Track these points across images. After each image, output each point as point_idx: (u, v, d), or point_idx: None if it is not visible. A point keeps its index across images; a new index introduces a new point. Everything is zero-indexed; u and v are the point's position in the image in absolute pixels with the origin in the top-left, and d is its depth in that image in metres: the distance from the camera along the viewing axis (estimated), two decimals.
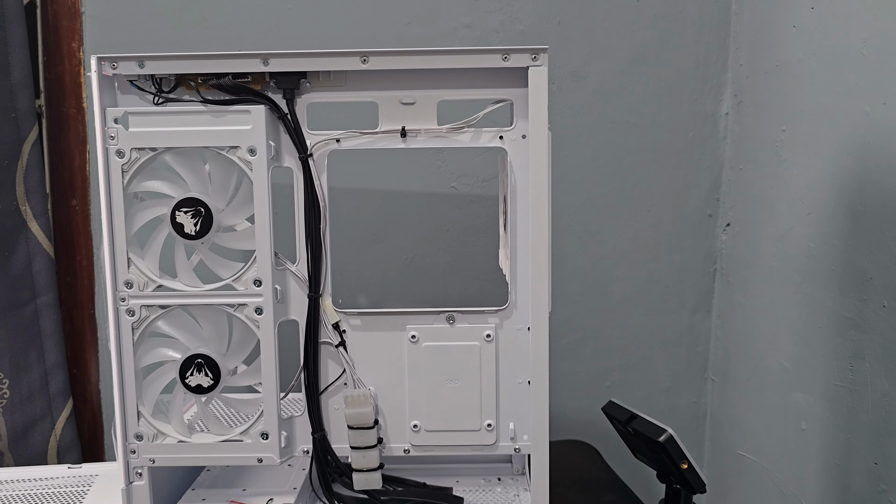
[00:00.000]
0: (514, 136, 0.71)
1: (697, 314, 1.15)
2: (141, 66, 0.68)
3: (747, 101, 1.05)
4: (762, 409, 1.00)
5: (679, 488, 0.80)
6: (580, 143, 1.11)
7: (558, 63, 1.09)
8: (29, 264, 1.08)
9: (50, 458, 1.11)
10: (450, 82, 0.70)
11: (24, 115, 1.06)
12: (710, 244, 1.13)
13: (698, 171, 1.12)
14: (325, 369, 0.74)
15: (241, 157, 0.69)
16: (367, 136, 0.70)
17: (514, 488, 0.86)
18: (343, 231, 1.10)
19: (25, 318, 1.08)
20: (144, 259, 0.71)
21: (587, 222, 1.13)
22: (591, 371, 1.17)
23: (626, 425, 0.82)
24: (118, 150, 0.69)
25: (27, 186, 1.07)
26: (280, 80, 0.69)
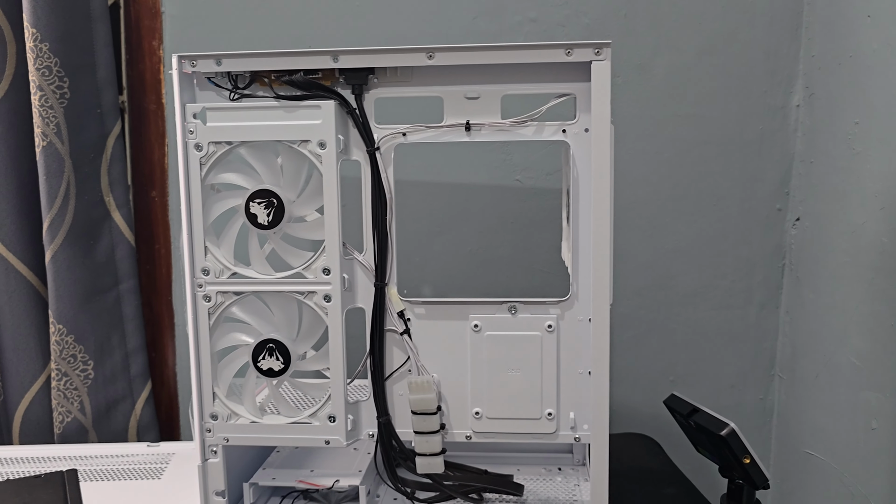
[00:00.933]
0: (577, 129, 0.71)
1: (765, 310, 1.13)
2: (218, 64, 0.71)
3: (819, 93, 1.02)
4: (831, 408, 0.98)
5: (741, 483, 0.79)
6: (645, 137, 1.10)
7: (624, 56, 1.08)
8: (112, 252, 1.14)
9: (130, 436, 1.17)
10: (514, 77, 0.71)
11: (108, 111, 1.11)
12: (779, 239, 1.11)
13: (767, 164, 1.10)
14: (390, 356, 0.76)
15: (312, 150, 0.71)
16: (432, 130, 0.72)
17: (575, 478, 0.87)
18: (408, 223, 1.12)
19: (109, 304, 1.14)
20: (220, 247, 0.75)
21: (652, 216, 1.12)
22: (655, 365, 1.16)
23: (687, 419, 0.82)
24: (196, 143, 0.72)
25: (111, 178, 1.12)
26: (349, 75, 0.72)
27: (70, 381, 1.11)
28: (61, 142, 1.06)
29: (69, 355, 1.10)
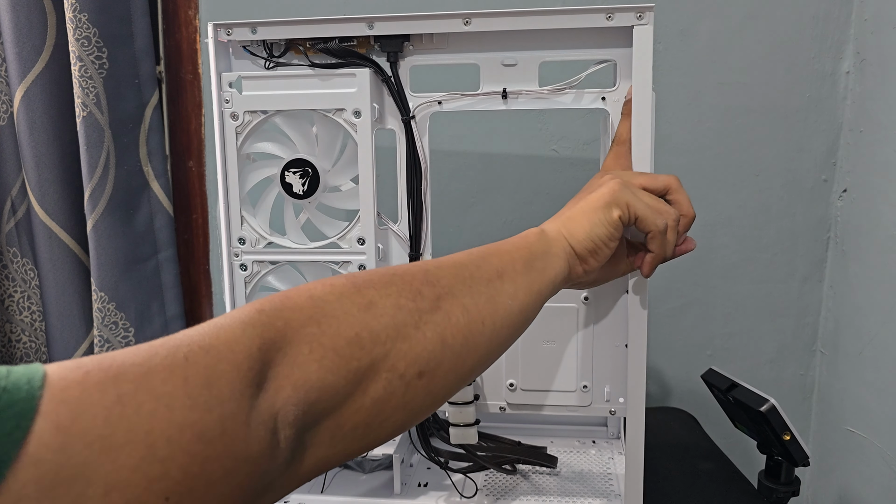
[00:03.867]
0: (617, 97, 0.69)
1: (807, 284, 1.11)
2: (254, 32, 0.71)
3: (871, 59, 0.98)
4: (875, 384, 0.95)
5: (780, 460, 0.78)
6: (686, 105, 1.07)
7: (666, 22, 1.05)
8: (151, 221, 1.16)
9: None
10: (552, 43, 0.70)
11: (146, 81, 1.12)
12: (824, 211, 1.08)
13: (814, 133, 1.06)
14: None
15: (347, 119, 0.71)
16: (468, 98, 0.71)
17: (609, 451, 0.86)
18: (443, 192, 1.11)
19: (148, 272, 1.16)
20: (256, 217, 0.75)
21: (691, 186, 1.10)
22: (693, 339, 1.14)
23: (726, 394, 0.81)
24: (232, 112, 0.72)
25: (149, 148, 1.14)
26: (384, 43, 0.71)
27: (112, 348, 1.14)
28: (101, 112, 1.07)
29: (111, 322, 1.13)
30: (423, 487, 0.79)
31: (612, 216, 0.59)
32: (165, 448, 0.33)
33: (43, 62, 1.07)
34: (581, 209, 0.60)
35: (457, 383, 0.48)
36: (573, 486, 0.78)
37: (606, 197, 0.59)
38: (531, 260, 0.54)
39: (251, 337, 0.39)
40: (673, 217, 0.61)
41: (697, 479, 0.85)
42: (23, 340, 1.19)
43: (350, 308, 0.43)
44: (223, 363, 0.37)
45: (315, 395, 0.41)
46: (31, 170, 1.09)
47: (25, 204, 1.15)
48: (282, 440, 0.39)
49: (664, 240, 0.61)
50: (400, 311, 0.45)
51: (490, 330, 0.50)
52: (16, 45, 1.06)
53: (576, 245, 0.58)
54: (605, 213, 0.59)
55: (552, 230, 0.58)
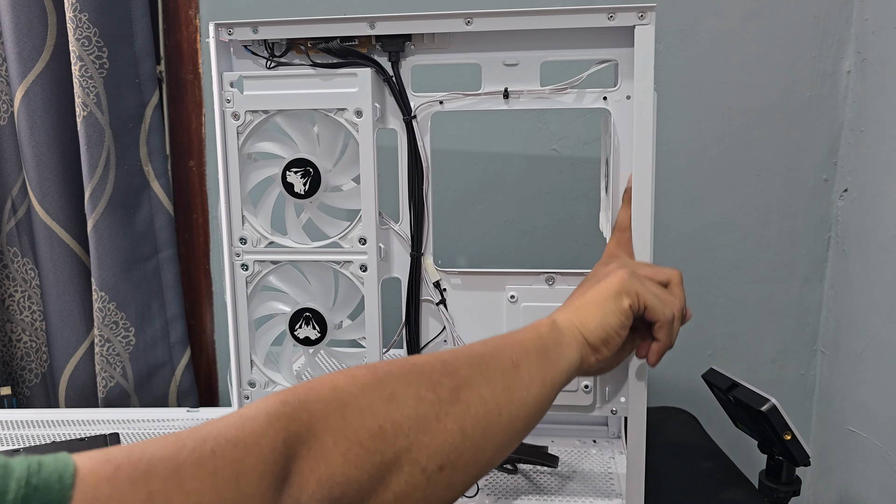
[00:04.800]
0: (619, 96, 0.69)
1: (808, 284, 1.11)
2: (255, 32, 0.71)
3: (872, 59, 0.98)
4: (876, 384, 0.95)
5: (781, 460, 0.78)
6: (687, 105, 1.07)
7: (666, 21, 1.05)
8: (151, 221, 1.16)
9: (171, 401, 1.19)
10: (554, 42, 0.70)
11: (146, 81, 1.12)
12: (825, 210, 1.08)
13: (814, 133, 1.06)
14: (426, 326, 0.76)
15: (348, 118, 0.71)
16: (469, 98, 0.71)
17: (610, 451, 0.86)
18: (444, 192, 1.11)
19: (148, 272, 1.16)
20: (257, 217, 0.75)
21: (692, 186, 1.10)
22: (693, 338, 1.14)
23: (726, 393, 0.81)
24: (234, 112, 0.72)
25: (149, 148, 1.13)
26: (386, 42, 0.71)
27: (112, 347, 1.14)
28: (101, 112, 1.07)
29: (111, 322, 1.13)
30: None
31: (623, 305, 0.59)
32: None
33: (43, 62, 1.07)
34: (591, 299, 0.60)
35: (475, 476, 0.49)
36: (574, 485, 0.78)
37: (616, 286, 0.60)
38: (544, 351, 0.55)
39: (276, 430, 0.40)
40: (678, 307, 0.63)
41: (698, 479, 0.85)
42: (23, 340, 1.19)
43: (373, 400, 0.44)
44: (250, 458, 0.38)
45: (339, 490, 0.41)
46: (32, 169, 1.09)
47: (26, 203, 1.15)
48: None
49: (671, 329, 0.62)
50: (421, 402, 0.45)
51: (507, 420, 0.50)
52: (16, 45, 1.05)
53: (588, 335, 0.58)
54: (616, 302, 0.59)
55: (563, 320, 0.59)
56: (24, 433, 0.99)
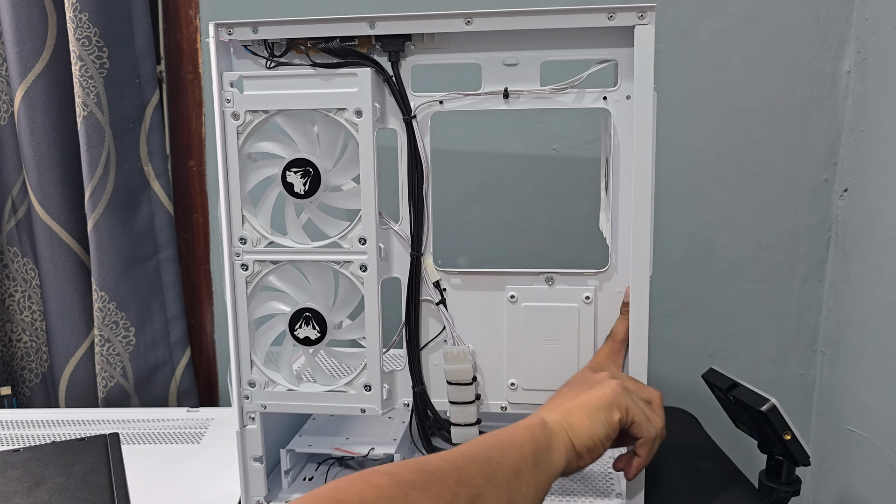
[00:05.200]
0: (619, 96, 0.69)
1: (808, 283, 1.11)
2: (255, 32, 0.71)
3: (872, 59, 0.98)
4: (876, 384, 0.95)
5: (781, 459, 0.78)
6: (687, 104, 1.07)
7: (666, 21, 1.05)
8: (152, 221, 1.16)
9: (171, 401, 1.19)
10: (554, 42, 0.70)
11: (146, 81, 1.12)
12: (825, 210, 1.08)
13: (814, 133, 1.06)
14: (426, 326, 0.76)
15: (348, 118, 0.71)
16: (469, 98, 0.71)
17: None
18: (444, 192, 1.11)
19: (149, 272, 1.16)
20: (257, 217, 0.75)
21: (692, 186, 1.10)
22: (693, 339, 1.14)
23: (726, 393, 0.80)
24: (234, 112, 0.72)
25: (150, 148, 1.14)
26: (385, 42, 0.71)
27: (112, 347, 1.14)
28: (101, 112, 1.07)
29: (111, 322, 1.13)
30: None
31: (613, 418, 0.61)
32: None
33: (43, 62, 1.07)
34: (582, 405, 0.61)
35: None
36: (574, 485, 0.78)
37: (608, 398, 0.61)
38: (538, 456, 0.56)
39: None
40: (661, 426, 0.65)
41: (698, 479, 0.85)
42: (23, 340, 1.19)
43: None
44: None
45: None
46: (32, 169, 1.09)
47: (26, 203, 1.15)
48: None
49: (652, 446, 0.64)
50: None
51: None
52: (16, 45, 1.06)
53: (576, 441, 0.59)
54: (607, 413, 0.60)
55: (554, 423, 0.60)
56: (24, 433, 0.99)
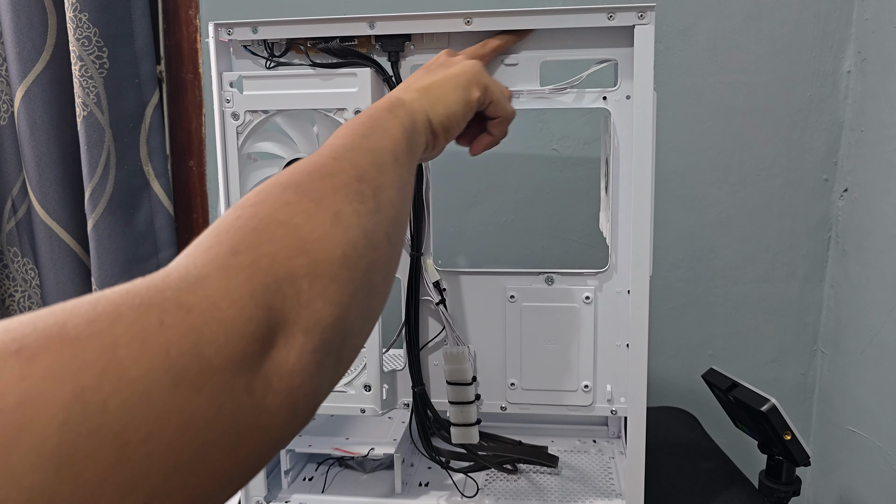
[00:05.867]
0: (618, 96, 0.69)
1: (808, 283, 1.11)
2: (254, 32, 0.71)
3: (872, 59, 0.98)
4: (876, 384, 0.95)
5: (781, 460, 0.78)
6: (687, 104, 1.07)
7: (666, 21, 1.05)
8: (151, 221, 1.16)
9: None
10: (553, 42, 0.70)
11: (146, 81, 1.12)
12: (825, 210, 1.08)
13: (815, 133, 1.06)
14: (426, 326, 0.76)
15: (348, 118, 0.71)
16: None
17: (610, 451, 0.86)
18: (444, 192, 1.11)
19: (149, 272, 1.15)
20: None
21: (693, 186, 1.10)
22: (693, 338, 1.14)
23: (727, 393, 0.81)
24: (233, 112, 0.72)
25: (150, 148, 1.14)
26: (385, 42, 0.71)
27: None
28: (101, 112, 1.07)
29: None
30: (424, 487, 0.79)
31: (472, 96, 0.59)
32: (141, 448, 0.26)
33: (43, 62, 1.07)
34: (440, 84, 0.58)
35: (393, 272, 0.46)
36: (574, 485, 0.78)
37: (468, 76, 0.59)
38: (409, 138, 0.51)
39: (238, 285, 0.32)
40: (513, 110, 0.65)
41: (698, 479, 0.85)
42: None
43: (323, 225, 0.38)
44: (211, 324, 0.29)
45: (329, 333, 0.35)
46: (32, 169, 1.09)
47: (26, 203, 1.15)
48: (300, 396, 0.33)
49: (506, 127, 0.64)
50: (360, 217, 0.40)
51: (403, 220, 0.47)
52: (16, 45, 1.05)
53: (434, 119, 0.56)
54: (466, 91, 0.58)
55: (412, 101, 0.55)
56: None
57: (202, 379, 0.28)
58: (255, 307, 0.32)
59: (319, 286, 0.35)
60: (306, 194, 0.39)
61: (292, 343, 0.33)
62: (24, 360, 0.24)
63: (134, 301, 0.28)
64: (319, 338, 0.34)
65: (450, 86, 0.58)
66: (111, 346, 0.26)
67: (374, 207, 0.42)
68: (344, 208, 0.40)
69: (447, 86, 0.58)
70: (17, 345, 0.24)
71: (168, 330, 0.28)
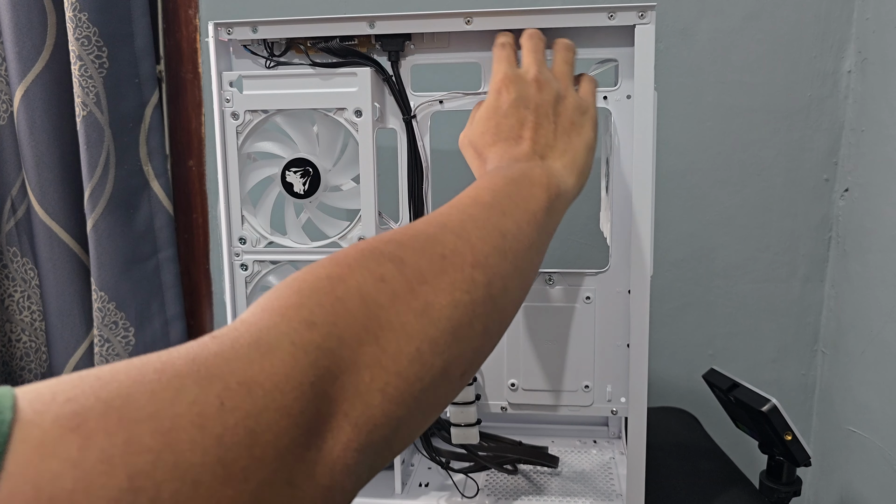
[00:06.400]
0: (619, 96, 0.69)
1: (809, 283, 1.10)
2: (254, 31, 0.71)
3: (873, 58, 0.98)
4: (877, 384, 0.95)
5: (781, 460, 0.78)
6: (687, 104, 1.07)
7: (667, 21, 1.05)
8: (151, 221, 1.15)
9: None
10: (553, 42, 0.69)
11: (146, 81, 1.12)
12: (826, 210, 1.08)
13: (815, 132, 1.06)
14: None
15: (348, 118, 0.71)
16: (469, 97, 0.71)
17: (610, 451, 0.86)
18: (444, 192, 1.11)
19: (148, 272, 1.16)
20: (257, 217, 0.75)
21: (693, 186, 1.10)
22: (694, 339, 1.14)
23: (727, 394, 0.80)
24: (233, 112, 0.72)
25: (149, 148, 1.13)
26: (385, 42, 0.70)
27: (112, 348, 1.13)
28: (101, 111, 1.07)
29: (111, 322, 1.12)
30: (424, 487, 0.79)
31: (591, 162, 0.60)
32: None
33: (43, 61, 1.07)
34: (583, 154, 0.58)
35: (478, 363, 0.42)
36: (574, 486, 0.78)
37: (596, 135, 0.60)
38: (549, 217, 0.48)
39: (304, 368, 0.30)
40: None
41: (698, 479, 0.85)
42: (23, 340, 1.19)
43: (407, 315, 0.35)
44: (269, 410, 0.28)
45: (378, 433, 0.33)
46: (31, 169, 1.09)
47: (25, 203, 1.15)
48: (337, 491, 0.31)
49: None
50: (457, 309, 0.37)
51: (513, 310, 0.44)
52: (16, 45, 1.05)
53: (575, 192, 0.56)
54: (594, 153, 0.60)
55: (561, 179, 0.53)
56: None
57: (251, 471, 0.27)
58: (313, 394, 0.30)
59: (381, 380, 0.33)
60: (405, 273, 0.37)
61: (339, 436, 0.31)
62: (82, 438, 0.23)
63: (200, 373, 0.27)
64: (367, 437, 0.32)
65: (590, 155, 0.57)
66: (169, 430, 0.25)
67: (480, 298, 0.39)
68: (440, 299, 0.37)
69: (588, 155, 0.57)
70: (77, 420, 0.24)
71: (227, 414, 0.27)
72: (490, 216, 0.43)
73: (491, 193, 0.45)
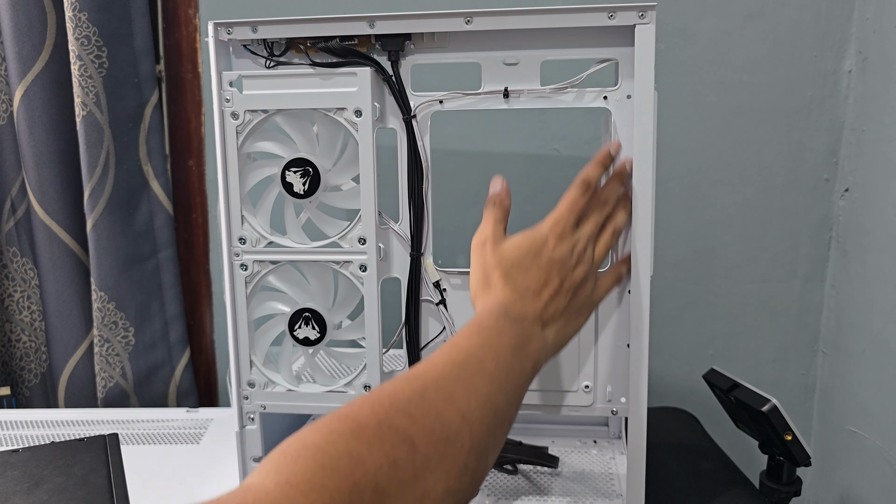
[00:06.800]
0: (619, 96, 0.69)
1: (809, 283, 1.10)
2: (254, 31, 0.71)
3: (873, 58, 0.98)
4: (877, 384, 0.95)
5: (782, 460, 0.78)
6: (688, 104, 1.07)
7: (667, 21, 1.05)
8: (151, 221, 1.15)
9: (170, 401, 1.19)
10: (554, 42, 0.69)
11: (145, 80, 1.12)
12: (826, 210, 1.08)
13: (815, 132, 1.06)
14: (426, 326, 0.76)
15: (348, 118, 0.71)
16: (469, 97, 0.71)
17: (610, 451, 0.86)
18: (444, 192, 1.11)
19: (148, 272, 1.16)
20: (257, 216, 0.75)
21: (693, 186, 1.10)
22: (694, 338, 1.14)
23: (727, 394, 0.80)
24: (233, 112, 0.72)
25: (149, 148, 1.13)
26: (385, 42, 0.70)
27: (112, 347, 1.13)
28: (100, 111, 1.07)
29: (111, 322, 1.12)
30: None
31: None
32: None
33: (43, 61, 1.07)
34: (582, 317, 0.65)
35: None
36: (575, 486, 0.78)
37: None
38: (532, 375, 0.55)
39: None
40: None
41: (699, 479, 0.85)
42: (22, 340, 1.19)
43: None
44: None
45: None
46: (31, 169, 1.09)
47: (25, 203, 1.14)
48: None
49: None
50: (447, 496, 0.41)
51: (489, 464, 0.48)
52: (15, 45, 1.05)
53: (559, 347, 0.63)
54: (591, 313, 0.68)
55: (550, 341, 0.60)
56: (23, 433, 0.99)
57: None
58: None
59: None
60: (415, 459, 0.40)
61: None
62: None
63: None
64: None
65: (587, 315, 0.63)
66: None
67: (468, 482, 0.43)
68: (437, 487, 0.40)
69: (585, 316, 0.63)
70: None
71: None
72: (490, 392, 0.47)
73: (495, 364, 0.50)
